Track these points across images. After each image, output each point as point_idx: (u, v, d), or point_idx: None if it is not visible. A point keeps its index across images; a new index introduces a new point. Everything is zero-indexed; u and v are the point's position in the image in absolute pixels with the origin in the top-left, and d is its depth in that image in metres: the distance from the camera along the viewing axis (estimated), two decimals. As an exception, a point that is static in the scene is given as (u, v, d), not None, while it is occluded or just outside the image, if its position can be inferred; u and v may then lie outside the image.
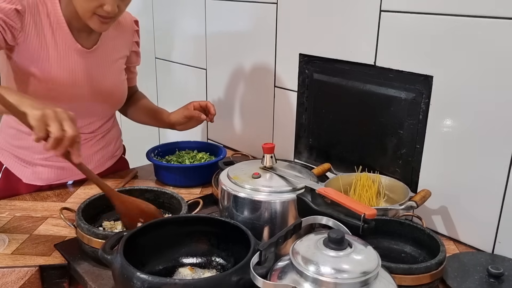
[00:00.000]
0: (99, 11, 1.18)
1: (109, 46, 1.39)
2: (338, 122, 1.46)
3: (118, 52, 1.42)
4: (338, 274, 0.76)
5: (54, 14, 1.25)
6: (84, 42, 1.32)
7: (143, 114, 1.59)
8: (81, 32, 1.30)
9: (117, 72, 1.43)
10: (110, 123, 1.52)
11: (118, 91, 1.44)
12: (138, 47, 1.51)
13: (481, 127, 1.12)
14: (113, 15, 1.20)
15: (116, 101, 1.45)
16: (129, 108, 1.59)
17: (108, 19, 1.21)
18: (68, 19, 1.26)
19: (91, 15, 1.19)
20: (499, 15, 1.05)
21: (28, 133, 1.36)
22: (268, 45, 1.60)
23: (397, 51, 1.25)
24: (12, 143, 1.40)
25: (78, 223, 1.08)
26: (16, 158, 1.41)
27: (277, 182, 1.06)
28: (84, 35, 1.31)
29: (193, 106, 1.47)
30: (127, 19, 1.45)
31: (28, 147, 1.38)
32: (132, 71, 1.55)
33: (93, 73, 1.35)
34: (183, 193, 1.34)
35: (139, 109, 1.59)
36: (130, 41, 1.47)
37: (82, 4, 1.18)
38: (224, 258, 1.03)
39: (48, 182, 1.43)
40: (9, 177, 1.41)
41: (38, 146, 1.36)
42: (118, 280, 0.88)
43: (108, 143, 1.52)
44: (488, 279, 1.02)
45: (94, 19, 1.20)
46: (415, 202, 1.14)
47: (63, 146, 0.98)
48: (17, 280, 1.04)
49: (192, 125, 1.51)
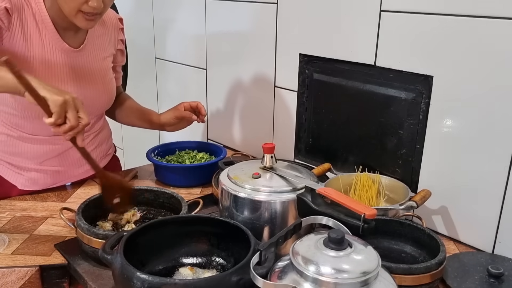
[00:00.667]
0: (84, 8, 1.17)
1: (95, 45, 1.37)
2: (338, 122, 1.46)
3: (104, 51, 1.40)
4: (338, 274, 0.76)
5: (40, 14, 1.23)
6: (71, 41, 1.30)
7: (132, 116, 1.57)
8: (67, 31, 1.29)
9: (104, 70, 1.41)
10: (101, 123, 1.52)
11: (106, 90, 1.41)
12: (123, 46, 1.50)
13: (481, 127, 1.12)
14: (98, 11, 1.19)
15: (104, 100, 1.43)
16: (116, 110, 1.57)
17: (94, 16, 1.20)
18: (53, 18, 1.25)
19: (76, 12, 1.17)
20: (499, 15, 1.05)
21: (18, 138, 1.34)
22: (268, 45, 1.60)
23: (397, 51, 1.25)
24: (4, 150, 1.37)
25: (78, 223, 1.08)
26: (9, 165, 1.38)
27: (277, 182, 1.06)
28: (70, 34, 1.30)
29: (184, 107, 1.47)
30: (111, 17, 1.44)
31: (21, 153, 1.36)
32: (117, 71, 1.53)
33: (80, 72, 1.33)
34: (183, 193, 1.34)
35: (127, 111, 1.57)
36: (115, 38, 1.45)
37: (66, 2, 1.17)
38: (224, 258, 1.03)
39: (45, 186, 1.41)
40: (3, 185, 1.39)
41: (31, 151, 1.36)
42: (118, 280, 0.88)
43: (101, 142, 1.52)
44: (488, 279, 1.02)
45: (80, 17, 1.19)
46: (415, 202, 1.14)
47: (75, 131, 1.05)
48: (17, 280, 1.04)
49: (182, 126, 1.51)
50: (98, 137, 1.50)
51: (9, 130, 1.34)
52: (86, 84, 1.34)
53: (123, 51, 1.51)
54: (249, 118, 1.78)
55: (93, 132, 1.47)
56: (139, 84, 1.61)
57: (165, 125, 1.51)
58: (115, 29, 1.45)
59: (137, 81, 1.59)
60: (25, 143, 1.35)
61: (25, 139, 1.35)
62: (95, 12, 1.18)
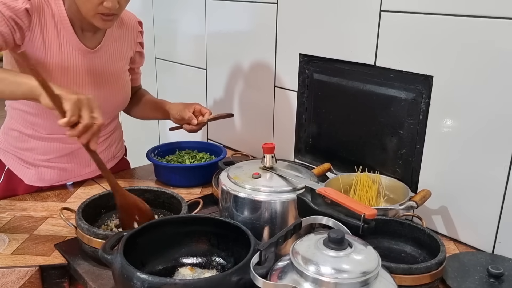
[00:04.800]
0: (100, 9, 1.18)
1: (112, 46, 1.39)
2: (338, 122, 1.46)
3: (121, 53, 1.42)
4: (338, 274, 0.76)
5: (59, 14, 1.25)
6: (88, 42, 1.32)
7: (148, 109, 1.59)
8: (85, 32, 1.31)
9: (120, 72, 1.42)
10: (114, 125, 1.52)
11: (121, 92, 1.43)
12: (142, 48, 1.52)
13: (481, 127, 1.12)
14: (114, 12, 1.21)
15: (119, 102, 1.45)
16: (133, 106, 1.59)
17: (111, 16, 1.22)
18: (71, 19, 1.27)
19: (94, 13, 1.19)
20: (499, 15, 1.05)
21: (31, 136, 1.37)
22: (268, 45, 1.60)
23: (397, 51, 1.25)
24: (15, 145, 1.40)
25: (78, 223, 1.08)
26: (19, 159, 1.41)
27: (277, 182, 1.06)
28: (88, 35, 1.32)
29: (194, 109, 1.47)
30: (131, 20, 1.46)
31: (32, 149, 1.38)
32: (136, 72, 1.56)
33: (96, 73, 1.35)
34: (183, 193, 1.34)
35: (144, 105, 1.59)
36: (134, 41, 1.47)
37: (84, 3, 1.19)
38: (224, 258, 1.03)
39: (50, 183, 1.43)
40: (11, 178, 1.41)
41: (41, 147, 1.38)
42: (118, 280, 0.88)
43: (111, 144, 1.53)
44: (488, 279, 1.02)
45: (97, 17, 1.20)
46: (415, 202, 1.14)
47: (90, 132, 1.02)
48: (17, 280, 1.04)
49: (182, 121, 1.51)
50: (108, 139, 1.51)
51: (23, 127, 1.36)
52: (101, 85, 1.36)
53: (142, 53, 1.53)
54: (249, 118, 1.78)
55: (104, 134, 1.48)
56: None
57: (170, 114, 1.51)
58: (134, 32, 1.47)
59: (137, 81, 1.61)
60: (37, 140, 1.37)
61: (37, 137, 1.37)
62: (111, 12, 1.20)
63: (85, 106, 1.01)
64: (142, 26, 1.50)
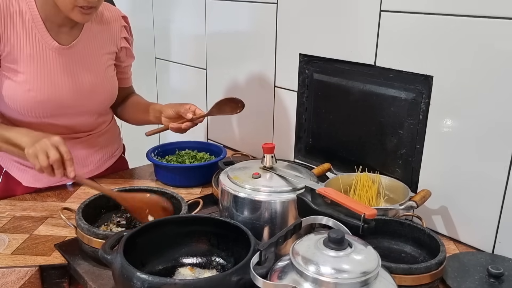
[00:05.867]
0: (79, 2, 1.17)
1: (91, 42, 1.36)
2: (338, 122, 1.46)
3: (102, 48, 1.39)
4: (338, 274, 0.76)
5: (29, 12, 1.24)
6: (64, 38, 1.30)
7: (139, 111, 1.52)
8: (62, 27, 1.29)
9: (101, 68, 1.39)
10: (107, 123, 1.51)
11: (104, 87, 1.40)
12: (128, 44, 1.47)
13: (481, 127, 1.12)
14: (93, 4, 1.19)
15: (102, 98, 1.41)
16: (124, 109, 1.55)
17: (90, 9, 1.20)
18: (45, 16, 1.25)
19: (72, 7, 1.18)
20: (499, 15, 1.05)
21: None
22: (268, 45, 1.60)
23: (397, 51, 1.25)
24: None
25: (78, 223, 1.08)
26: (16, 162, 1.40)
27: (277, 182, 1.06)
28: (65, 31, 1.30)
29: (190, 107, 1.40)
30: (114, 14, 1.42)
31: None
32: (125, 72, 1.52)
33: (72, 70, 1.32)
34: (183, 193, 1.34)
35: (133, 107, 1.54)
36: (117, 36, 1.43)
37: None
38: (224, 258, 1.03)
39: (49, 184, 1.42)
40: (9, 180, 1.41)
41: None
42: (118, 280, 0.88)
43: (107, 143, 1.52)
44: (488, 279, 1.02)
45: (76, 11, 1.19)
46: (415, 202, 1.14)
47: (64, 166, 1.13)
48: (17, 280, 1.04)
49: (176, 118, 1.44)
50: (103, 137, 1.49)
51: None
52: (82, 80, 1.34)
53: (128, 50, 1.47)
54: (249, 118, 1.78)
55: (97, 132, 1.46)
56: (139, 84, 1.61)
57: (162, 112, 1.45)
58: (117, 26, 1.43)
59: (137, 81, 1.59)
60: None
61: None
62: (90, 5, 1.19)
63: (48, 148, 1.11)
64: (127, 21, 1.46)
